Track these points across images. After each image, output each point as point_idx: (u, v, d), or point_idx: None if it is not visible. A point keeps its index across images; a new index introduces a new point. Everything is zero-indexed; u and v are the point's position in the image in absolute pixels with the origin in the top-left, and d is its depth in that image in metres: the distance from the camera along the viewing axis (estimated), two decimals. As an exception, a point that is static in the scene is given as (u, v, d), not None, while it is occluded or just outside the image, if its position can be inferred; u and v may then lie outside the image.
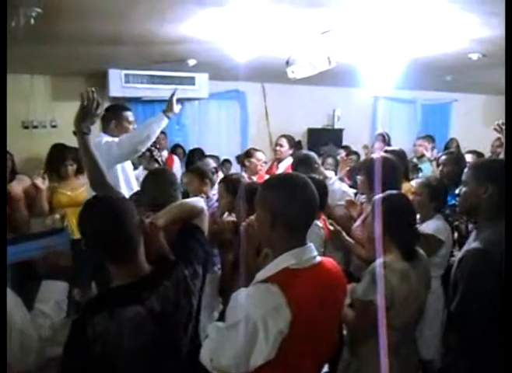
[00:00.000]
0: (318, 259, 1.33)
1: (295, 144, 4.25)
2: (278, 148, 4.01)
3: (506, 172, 1.59)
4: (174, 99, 2.87)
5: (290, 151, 4.06)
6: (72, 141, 3.72)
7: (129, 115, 3.06)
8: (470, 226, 2.53)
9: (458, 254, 1.81)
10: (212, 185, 3.00)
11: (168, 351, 1.35)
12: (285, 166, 3.93)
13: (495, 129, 3.00)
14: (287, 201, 1.27)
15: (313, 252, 1.32)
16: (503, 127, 3.10)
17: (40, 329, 1.39)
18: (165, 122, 2.85)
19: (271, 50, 3.87)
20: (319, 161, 3.19)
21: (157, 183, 2.09)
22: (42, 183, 3.33)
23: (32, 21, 2.35)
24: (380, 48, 3.68)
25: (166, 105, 2.87)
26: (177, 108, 2.88)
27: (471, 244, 1.68)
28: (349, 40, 3.50)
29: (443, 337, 1.87)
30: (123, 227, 1.29)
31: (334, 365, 1.96)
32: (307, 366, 1.30)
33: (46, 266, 1.54)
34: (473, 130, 7.03)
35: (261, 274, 1.27)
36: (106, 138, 2.85)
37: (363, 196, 2.64)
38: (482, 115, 7.65)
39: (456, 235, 2.62)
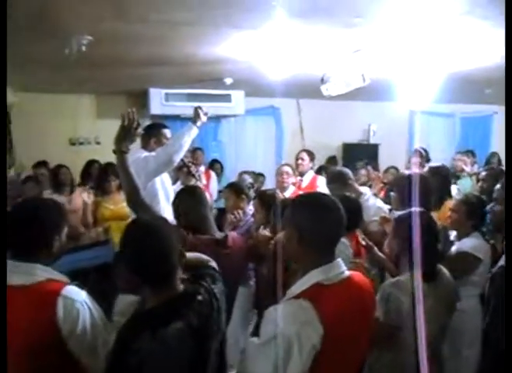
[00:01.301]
0: (347, 273, 1.37)
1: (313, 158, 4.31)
2: (299, 161, 4.09)
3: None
4: (199, 110, 2.98)
5: (311, 165, 4.17)
6: (115, 157, 3.92)
7: (167, 132, 3.20)
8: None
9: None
10: (249, 200, 3.08)
11: (205, 365, 1.38)
12: (308, 179, 4.01)
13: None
14: (314, 220, 1.32)
15: (341, 268, 1.36)
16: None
17: None
18: (194, 131, 2.95)
19: (306, 67, 3.96)
20: (353, 177, 3.20)
21: (190, 202, 2.15)
22: (88, 198, 3.52)
23: (83, 48, 2.52)
24: (416, 63, 3.69)
25: (193, 115, 2.99)
26: (203, 117, 2.98)
27: (502, 261, 1.67)
28: (384, 56, 3.54)
29: (481, 356, 1.83)
30: (167, 251, 1.32)
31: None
32: None
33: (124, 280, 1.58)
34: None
35: (293, 291, 1.32)
36: (145, 154, 2.99)
37: (397, 212, 2.64)
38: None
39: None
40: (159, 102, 5.37)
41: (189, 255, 1.55)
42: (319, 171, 4.67)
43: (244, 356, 1.35)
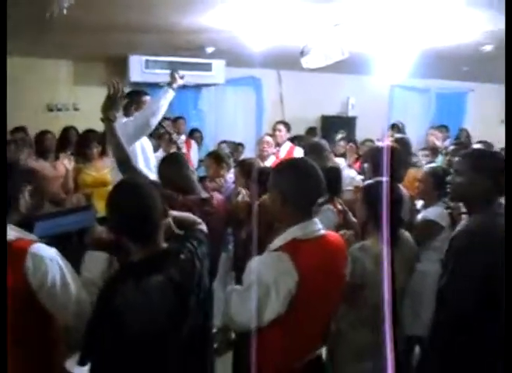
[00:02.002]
0: (323, 232, 1.53)
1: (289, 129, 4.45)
2: (277, 133, 4.18)
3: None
4: (175, 73, 3.01)
5: (288, 135, 4.32)
6: (94, 124, 3.93)
7: (148, 99, 3.23)
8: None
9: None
10: (229, 169, 3.19)
11: (186, 320, 1.48)
12: (286, 150, 4.14)
13: (503, 121, 3.08)
14: (295, 182, 1.48)
15: (318, 226, 1.52)
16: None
17: (91, 296, 1.49)
18: (170, 94, 2.99)
19: (287, 39, 4.00)
20: (329, 148, 3.33)
21: (174, 168, 2.24)
22: (68, 164, 3.55)
23: (64, 11, 2.51)
24: (394, 38, 3.77)
25: (169, 78, 3.01)
26: (179, 80, 3.01)
27: (462, 227, 1.82)
28: (363, 30, 3.61)
29: (434, 314, 2.00)
30: (149, 210, 1.41)
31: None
32: (312, 324, 1.50)
33: (91, 238, 1.68)
34: (489, 120, 7.04)
35: (273, 244, 1.48)
36: (125, 119, 3.02)
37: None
38: (499, 105, 7.64)
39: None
40: (139, 69, 5.31)
41: (180, 214, 1.67)
42: (293, 140, 4.77)
43: (228, 302, 1.50)
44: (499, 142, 4.11)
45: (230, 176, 3.14)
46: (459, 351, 1.76)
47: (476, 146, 3.72)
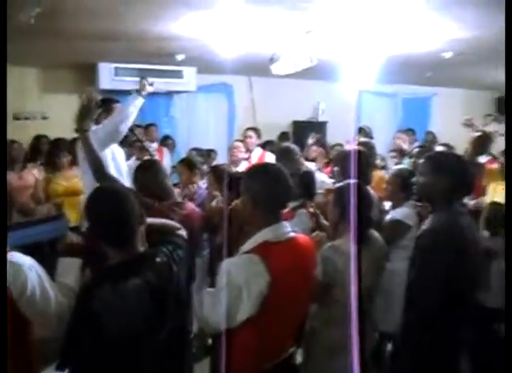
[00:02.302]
0: (293, 234, 1.59)
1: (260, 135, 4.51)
2: (248, 139, 4.23)
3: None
4: (144, 81, 3.00)
5: (258, 141, 4.37)
6: (63, 132, 3.88)
7: (118, 106, 3.22)
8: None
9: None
10: (202, 175, 3.22)
11: (163, 323, 1.51)
12: (257, 156, 4.19)
13: (463, 124, 3.25)
14: (264, 187, 1.53)
15: (287, 228, 1.58)
16: (471, 122, 3.38)
17: (69, 301, 1.50)
18: (139, 101, 2.99)
19: (257, 46, 4.07)
20: (300, 153, 3.39)
21: (150, 174, 2.26)
22: (38, 174, 3.50)
23: (32, 20, 2.49)
24: (361, 45, 3.89)
25: (139, 86, 3.01)
26: (149, 87, 3.01)
27: (425, 225, 1.91)
28: (332, 38, 3.71)
29: (403, 312, 2.06)
30: (126, 215, 1.43)
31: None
32: (283, 324, 1.54)
33: (64, 244, 1.68)
34: (453, 123, 7.30)
35: (245, 247, 1.53)
36: (94, 127, 3.00)
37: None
38: (461, 109, 7.95)
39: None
40: (108, 76, 5.27)
41: (158, 221, 1.69)
42: (265, 146, 4.83)
43: (201, 304, 1.53)
44: (461, 144, 4.31)
45: (203, 182, 3.17)
46: (427, 348, 1.83)
47: (438, 148, 3.87)
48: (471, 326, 2.89)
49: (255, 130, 4.41)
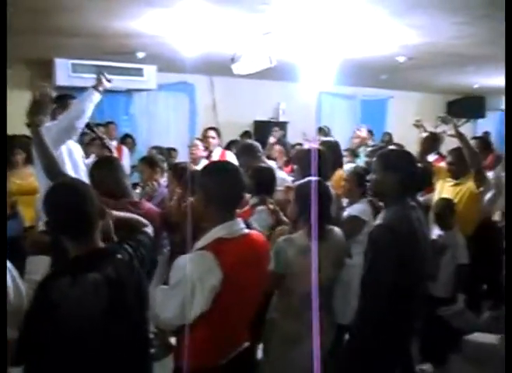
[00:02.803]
0: (246, 231, 1.62)
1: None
2: (210, 140, 4.25)
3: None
4: (102, 76, 2.94)
5: (218, 141, 4.39)
6: (17, 129, 3.75)
7: (74, 102, 3.14)
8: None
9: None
10: (162, 173, 3.21)
11: (121, 318, 1.50)
12: (218, 154, 4.21)
13: (414, 125, 3.42)
14: (218, 184, 1.56)
15: (240, 225, 1.61)
16: (420, 123, 3.55)
17: None
18: (96, 97, 2.90)
19: (218, 46, 4.10)
20: (261, 150, 3.45)
21: (107, 171, 2.22)
22: (-9, 172, 3.37)
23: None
24: (320, 47, 4.00)
25: (95, 81, 2.95)
26: (106, 83, 2.95)
27: (377, 220, 2.01)
28: (290, 39, 3.80)
29: (358, 304, 2.13)
30: (85, 208, 1.44)
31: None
32: (236, 319, 1.58)
33: (30, 243, 1.65)
34: (407, 125, 7.60)
35: (199, 244, 1.55)
36: (48, 123, 2.91)
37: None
38: (415, 111, 8.28)
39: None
40: (65, 73, 5.15)
41: (125, 215, 1.68)
42: (229, 145, 4.86)
43: (154, 300, 1.54)
44: (415, 144, 4.51)
45: (164, 180, 3.17)
46: (379, 339, 1.91)
47: (390, 148, 4.04)
48: (420, 315, 3.06)
49: (215, 129, 4.43)
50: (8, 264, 1.50)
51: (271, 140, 4.73)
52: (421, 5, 2.85)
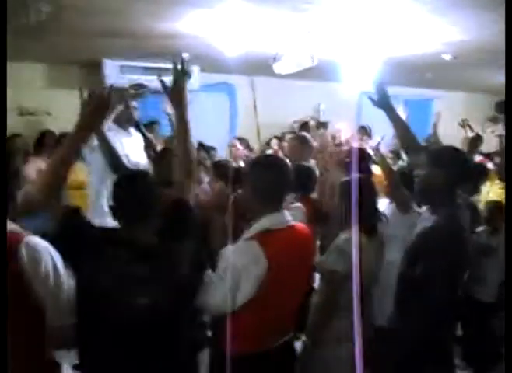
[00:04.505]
0: (292, 223, 1.66)
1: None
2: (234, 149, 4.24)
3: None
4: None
5: (245, 152, 4.57)
6: (66, 128, 3.91)
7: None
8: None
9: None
10: (206, 171, 3.32)
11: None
12: None
13: (459, 124, 3.31)
14: (267, 177, 1.60)
15: (287, 217, 1.65)
16: (465, 123, 3.43)
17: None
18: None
19: (260, 46, 4.13)
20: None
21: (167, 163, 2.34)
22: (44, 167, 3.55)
23: (43, 17, 2.55)
24: (359, 46, 3.95)
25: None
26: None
27: (428, 222, 1.94)
28: (332, 38, 3.77)
29: (397, 305, 2.08)
30: (150, 196, 1.53)
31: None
32: (281, 308, 1.61)
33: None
34: (453, 126, 7.37)
35: (246, 234, 1.60)
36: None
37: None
38: (462, 112, 7.99)
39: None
40: (114, 74, 5.32)
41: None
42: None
43: (204, 287, 1.59)
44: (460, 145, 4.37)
45: (207, 177, 3.24)
46: (427, 343, 1.87)
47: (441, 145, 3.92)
48: (468, 321, 2.96)
49: (241, 139, 4.43)
50: (52, 250, 1.54)
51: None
52: (461, 1, 2.77)
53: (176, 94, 1.82)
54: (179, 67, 1.82)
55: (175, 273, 1.55)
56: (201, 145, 5.13)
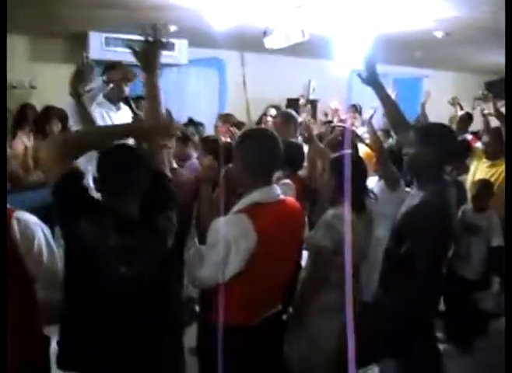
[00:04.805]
0: (282, 197, 1.66)
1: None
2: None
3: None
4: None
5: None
6: (51, 101, 3.84)
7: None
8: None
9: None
10: (195, 147, 3.27)
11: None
12: None
13: (449, 102, 3.31)
14: (257, 150, 1.59)
15: (277, 191, 1.65)
16: (455, 101, 3.44)
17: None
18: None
19: (250, 20, 4.04)
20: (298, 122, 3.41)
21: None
22: (28, 141, 3.49)
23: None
24: (353, 22, 3.89)
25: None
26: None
27: (416, 198, 1.95)
28: (323, 13, 3.70)
29: (382, 280, 2.11)
30: (136, 171, 1.50)
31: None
32: (271, 282, 1.62)
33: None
34: (442, 105, 7.38)
35: (236, 208, 1.60)
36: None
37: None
38: (451, 91, 7.99)
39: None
40: (99, 46, 5.18)
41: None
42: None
43: (191, 260, 1.59)
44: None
45: (195, 153, 3.21)
46: (402, 317, 1.90)
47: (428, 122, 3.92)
48: (451, 296, 3.03)
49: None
50: (43, 226, 1.54)
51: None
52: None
53: (143, 58, 1.76)
54: (149, 35, 1.78)
55: (157, 245, 1.54)
56: (190, 121, 5.08)
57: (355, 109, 5.29)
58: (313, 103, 6.97)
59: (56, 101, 3.87)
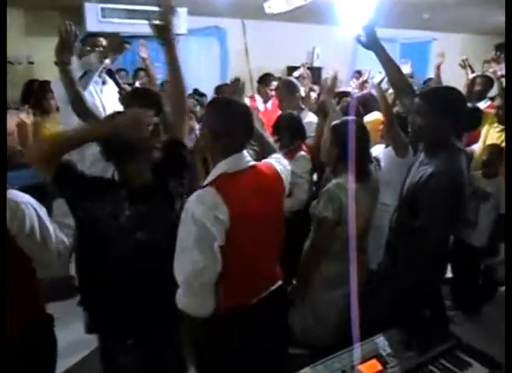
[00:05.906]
0: (252, 163, 1.57)
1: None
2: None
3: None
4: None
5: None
6: (50, 76, 3.73)
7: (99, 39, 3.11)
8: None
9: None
10: (196, 118, 3.20)
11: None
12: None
13: (459, 64, 3.18)
14: (223, 119, 1.51)
15: (246, 158, 1.55)
16: (467, 63, 3.29)
17: (68, 239, 1.59)
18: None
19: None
20: (300, 90, 3.33)
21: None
22: (27, 118, 3.42)
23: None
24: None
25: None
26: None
27: (428, 169, 1.86)
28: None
29: (390, 249, 2.06)
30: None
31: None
32: (257, 256, 1.55)
33: None
34: (452, 69, 7.16)
35: (205, 181, 1.52)
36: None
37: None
38: (460, 54, 7.74)
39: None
40: (95, 18, 5.05)
41: None
42: (263, 79, 4.68)
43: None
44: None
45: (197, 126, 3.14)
46: (408, 285, 1.87)
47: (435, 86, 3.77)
48: (459, 264, 3.00)
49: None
50: (36, 204, 1.51)
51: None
52: None
53: (163, 30, 1.83)
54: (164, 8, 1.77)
55: (170, 210, 1.60)
56: (195, 92, 4.98)
57: (361, 75, 5.14)
58: (317, 71, 6.81)
59: (55, 75, 3.78)
